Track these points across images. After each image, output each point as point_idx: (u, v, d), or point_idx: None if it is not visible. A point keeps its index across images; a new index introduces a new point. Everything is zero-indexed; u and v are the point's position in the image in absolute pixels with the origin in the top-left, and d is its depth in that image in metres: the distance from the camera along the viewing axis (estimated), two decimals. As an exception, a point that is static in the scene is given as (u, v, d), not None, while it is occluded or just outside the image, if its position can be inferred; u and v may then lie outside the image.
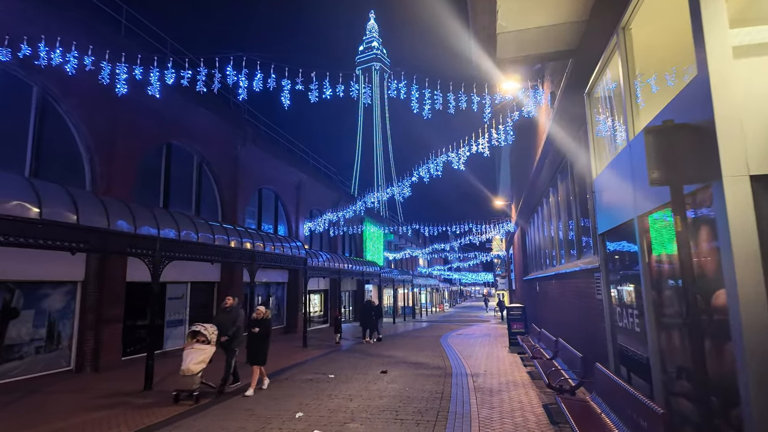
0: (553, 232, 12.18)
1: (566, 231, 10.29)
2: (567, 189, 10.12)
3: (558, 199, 11.11)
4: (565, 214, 10.22)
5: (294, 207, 22.88)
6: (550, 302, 11.11)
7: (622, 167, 5.05)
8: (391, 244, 44.12)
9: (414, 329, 25.01)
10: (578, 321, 7.70)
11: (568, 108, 7.57)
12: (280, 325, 21.66)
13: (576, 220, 8.99)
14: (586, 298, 7.19)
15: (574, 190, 9.16)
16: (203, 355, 7.64)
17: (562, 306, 9.39)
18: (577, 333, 7.74)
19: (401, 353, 14.08)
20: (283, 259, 15.19)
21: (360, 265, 24.37)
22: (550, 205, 12.41)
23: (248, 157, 18.69)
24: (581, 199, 8.48)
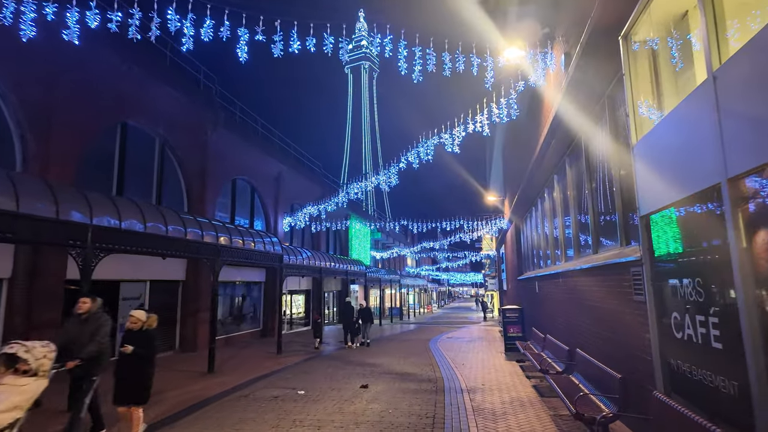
0: (557, 225, 10.76)
1: (576, 222, 8.87)
2: (578, 173, 8.70)
3: (565, 187, 9.68)
4: (576, 203, 8.79)
5: (272, 200, 21.19)
6: (558, 305, 9.68)
7: (693, 115, 3.58)
8: (378, 242, 42.60)
9: (401, 332, 23.49)
10: (603, 328, 6.23)
11: (590, 66, 6.10)
12: (256, 328, 19.98)
13: (592, 207, 7.56)
14: (615, 300, 5.74)
15: (590, 173, 7.73)
16: (20, 395, 3.64)
17: (575, 310, 7.94)
18: (600, 343, 6.27)
19: (386, 360, 12.54)
20: (254, 255, 13.54)
21: (344, 264, 22.78)
22: (554, 195, 10.98)
23: (220, 144, 16.98)
24: (602, 181, 7.05)
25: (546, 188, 12.39)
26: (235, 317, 18.54)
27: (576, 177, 8.79)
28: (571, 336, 8.02)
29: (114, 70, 12.23)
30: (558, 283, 9.93)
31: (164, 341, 14.38)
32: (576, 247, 8.87)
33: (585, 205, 8.21)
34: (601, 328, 6.25)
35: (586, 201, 8.12)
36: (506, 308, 14.46)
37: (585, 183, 8.00)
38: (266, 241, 14.51)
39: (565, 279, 9.12)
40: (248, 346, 16.90)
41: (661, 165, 4.33)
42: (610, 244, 6.74)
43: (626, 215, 5.79)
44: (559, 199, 10.70)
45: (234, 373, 10.85)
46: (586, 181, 7.86)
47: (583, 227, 8.44)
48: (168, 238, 9.84)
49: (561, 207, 10.57)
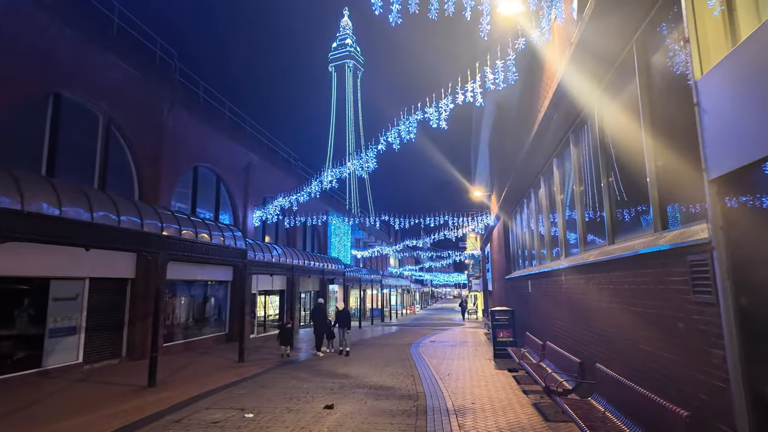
0: (557, 216, 9.37)
1: (583, 210, 7.47)
2: (587, 150, 7.31)
3: (568, 171, 8.28)
4: (583, 188, 7.39)
5: (241, 192, 19.41)
6: (560, 307, 8.25)
7: None
8: (359, 241, 41.02)
9: (381, 335, 21.95)
10: (636, 339, 4.79)
11: (615, 6, 4.66)
12: (221, 332, 18.17)
13: (607, 189, 6.15)
14: (655, 301, 4.30)
15: (604, 148, 6.33)
16: None
17: (586, 314, 6.50)
18: (634, 359, 4.82)
19: (361, 370, 10.98)
20: (212, 250, 11.82)
21: (320, 262, 21.12)
22: (552, 182, 9.60)
23: (179, 127, 15.17)
24: (621, 155, 5.64)
25: (542, 176, 11.02)
26: (196, 320, 16.73)
27: (583, 156, 7.39)
28: (582, 346, 6.58)
29: (41, 30, 10.39)
30: (559, 282, 8.52)
31: (108, 348, 12.57)
32: (583, 240, 7.47)
33: (595, 189, 6.81)
34: (634, 339, 4.79)
35: (596, 184, 6.72)
36: (496, 310, 13.05)
37: (596, 162, 6.61)
38: (227, 235, 12.80)
39: (569, 277, 7.70)
40: (209, 352, 15.14)
41: (751, 97, 2.89)
42: (629, 234, 5.33)
43: (669, 190, 4.36)
44: (558, 186, 9.32)
45: (179, 387, 9.15)
46: (598, 159, 6.45)
47: (592, 216, 7.04)
48: (93, 226, 8.09)
49: (561, 196, 9.19)
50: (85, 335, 11.69)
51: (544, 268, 10.02)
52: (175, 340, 15.32)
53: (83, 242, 8.00)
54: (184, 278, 15.74)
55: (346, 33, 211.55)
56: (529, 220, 13.28)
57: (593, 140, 6.82)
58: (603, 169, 6.26)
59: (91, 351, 11.84)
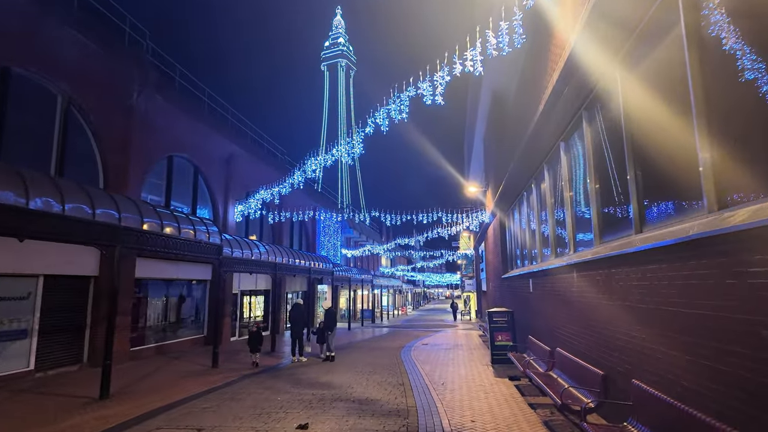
0: (564, 206, 8.36)
1: (597, 196, 6.47)
2: (603, 130, 6.31)
3: (582, 151, 7.26)
4: (604, 169, 6.38)
5: (222, 186, 18.23)
6: (573, 309, 7.21)
7: None
8: (350, 240, 39.91)
9: (371, 337, 20.86)
10: (685, 348, 3.74)
11: None
12: (200, 334, 16.98)
13: (634, 170, 5.13)
14: (721, 300, 3.26)
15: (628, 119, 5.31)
16: None
17: (614, 316, 5.45)
18: (683, 373, 3.79)
19: (345, 378, 9.88)
20: (181, 245, 10.66)
21: (307, 260, 19.97)
22: (561, 167, 8.58)
23: (152, 112, 13.98)
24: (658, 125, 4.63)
25: (546, 164, 10.03)
26: (171, 322, 15.52)
27: (600, 136, 6.37)
28: (604, 354, 5.53)
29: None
30: (569, 281, 7.50)
31: (66, 353, 11.35)
32: (598, 231, 6.45)
33: (615, 173, 5.81)
34: (682, 348, 3.75)
35: (616, 167, 5.72)
36: (493, 311, 12.02)
37: (616, 142, 5.60)
38: (200, 230, 11.64)
39: (583, 274, 6.67)
40: (184, 356, 13.95)
41: None
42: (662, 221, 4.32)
43: (727, 168, 3.33)
44: (566, 172, 8.31)
45: (136, 400, 8.00)
46: (621, 139, 5.43)
47: (611, 203, 6.03)
48: (29, 213, 6.91)
49: (569, 184, 8.19)
50: (38, 339, 10.46)
51: (549, 265, 9.00)
52: (147, 344, 14.11)
53: (13, 231, 6.80)
54: (157, 276, 14.54)
55: (339, 32, 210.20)
56: (529, 215, 12.29)
57: (613, 118, 5.81)
58: (628, 150, 5.24)
59: (44, 357, 10.62)
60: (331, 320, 13.04)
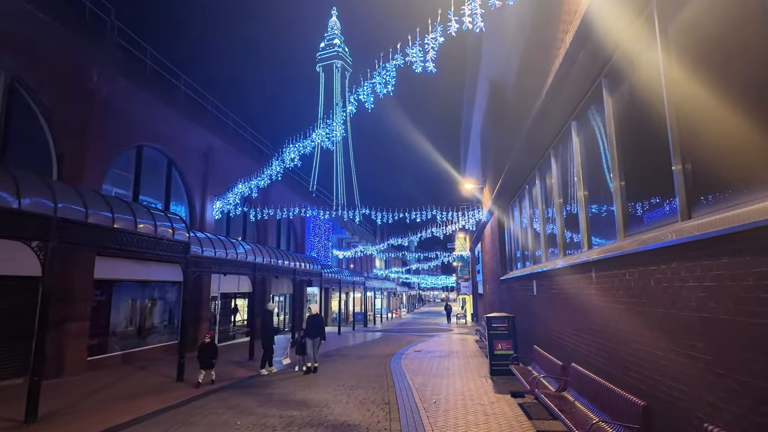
0: (576, 197, 7.16)
1: (620, 182, 5.27)
2: (627, 99, 5.14)
3: (602, 128, 6.04)
4: (631, 149, 5.18)
5: (199, 181, 16.93)
6: (592, 316, 5.96)
7: None
8: (342, 241, 38.66)
9: (361, 343, 19.59)
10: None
11: None
12: (173, 341, 15.62)
13: (680, 147, 3.92)
14: None
15: (672, 92, 4.11)
16: None
17: (661, 327, 4.22)
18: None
19: (323, 395, 8.61)
20: (138, 241, 9.35)
21: (292, 261, 18.69)
22: (573, 151, 7.38)
23: (116, 96, 12.68)
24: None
25: (552, 151, 8.84)
26: (140, 327, 14.18)
27: (632, 103, 5.17)
28: (645, 376, 4.29)
29: None
30: (585, 282, 6.28)
31: (10, 364, 10.03)
32: (623, 222, 5.25)
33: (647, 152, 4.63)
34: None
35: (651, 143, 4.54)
36: (493, 317, 10.79)
37: (648, 114, 4.42)
38: (163, 225, 10.34)
39: (609, 273, 5.46)
40: (151, 365, 12.64)
41: None
42: (725, 204, 3.13)
43: None
44: (579, 158, 7.12)
45: (67, 424, 6.72)
46: (658, 109, 4.24)
47: (639, 189, 4.85)
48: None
49: (581, 169, 7.00)
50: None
51: (558, 264, 7.79)
52: (110, 352, 12.78)
53: None
54: (123, 277, 13.22)
55: (335, 33, 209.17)
56: (532, 210, 11.10)
57: (646, 84, 4.61)
58: (672, 121, 4.03)
59: (-20, 369, 9.29)
60: (317, 328, 11.46)
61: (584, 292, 6.37)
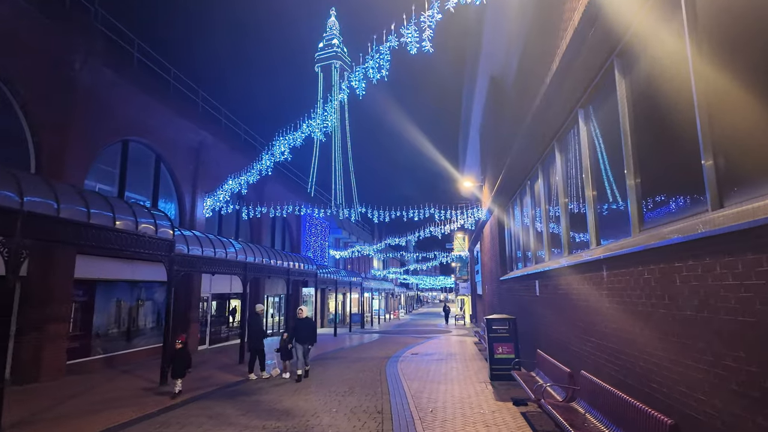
0: (586, 187, 6.64)
1: (635, 170, 4.76)
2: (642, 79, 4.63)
3: (618, 109, 5.51)
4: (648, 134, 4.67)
5: (189, 177, 16.38)
6: (606, 318, 5.43)
7: None
8: (339, 241, 38.14)
9: (358, 345, 19.04)
10: None
11: None
12: (161, 343, 15.05)
13: (710, 129, 3.41)
14: None
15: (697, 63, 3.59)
16: None
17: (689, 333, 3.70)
18: None
19: (312, 403, 8.07)
20: (115, 238, 8.79)
21: (286, 261, 18.15)
22: (580, 140, 6.86)
23: (100, 88, 12.14)
24: None
25: (556, 143, 8.33)
26: (125, 329, 13.62)
27: (648, 83, 4.65)
28: (667, 389, 3.77)
29: None
30: (595, 281, 5.76)
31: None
32: (638, 215, 4.75)
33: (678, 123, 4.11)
34: None
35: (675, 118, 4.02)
36: (493, 318, 10.27)
37: (677, 87, 3.89)
38: (145, 222, 9.80)
39: (623, 271, 4.93)
40: (136, 369, 12.10)
41: None
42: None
43: None
44: (587, 147, 6.61)
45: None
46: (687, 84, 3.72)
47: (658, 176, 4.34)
48: None
49: (589, 158, 6.50)
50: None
51: (563, 263, 7.26)
52: (92, 355, 12.23)
53: None
54: (107, 277, 12.68)
55: (333, 33, 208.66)
56: (534, 207, 10.58)
57: (666, 62, 4.10)
58: (700, 101, 3.51)
59: (-52, 375, 8.71)
60: (307, 332, 10.58)
61: (594, 293, 5.84)
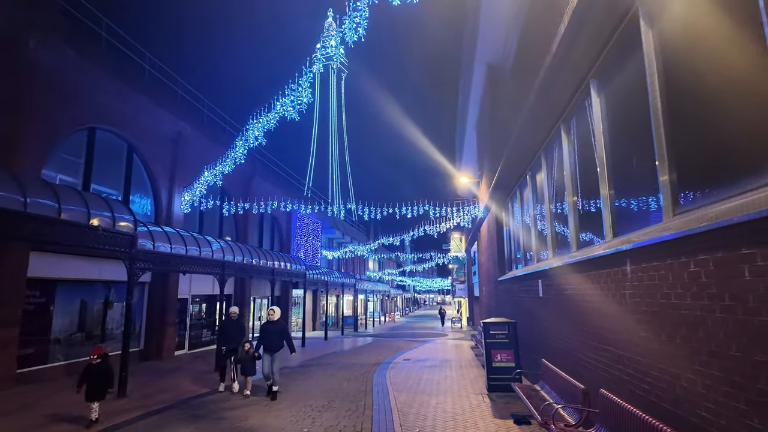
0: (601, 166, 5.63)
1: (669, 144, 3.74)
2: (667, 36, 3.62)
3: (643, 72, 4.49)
4: (689, 92, 3.66)
5: (166, 171, 15.31)
6: (628, 323, 4.41)
7: None
8: (333, 241, 37.11)
9: (349, 349, 17.98)
10: None
11: None
12: (135, 348, 13.99)
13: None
14: None
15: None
16: None
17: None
18: None
19: (281, 421, 7.02)
20: (61, 232, 7.72)
21: (272, 260, 17.09)
22: (593, 112, 5.86)
23: (62, 69, 11.10)
24: None
25: (562, 125, 7.33)
26: (92, 333, 12.53)
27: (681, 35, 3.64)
28: (736, 425, 2.76)
29: None
30: (616, 278, 4.74)
31: None
32: (673, 197, 3.73)
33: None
34: None
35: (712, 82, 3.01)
36: (490, 323, 9.24)
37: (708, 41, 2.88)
38: (100, 214, 8.73)
39: (658, 264, 3.92)
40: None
41: None
42: None
43: None
44: (599, 121, 5.62)
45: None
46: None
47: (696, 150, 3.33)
48: None
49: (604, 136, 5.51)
50: None
51: (573, 258, 6.25)
52: (51, 362, 11.14)
53: None
54: (69, 277, 11.60)
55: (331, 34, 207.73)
56: (536, 202, 9.59)
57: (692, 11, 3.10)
58: None
59: None
60: (275, 339, 8.71)
61: (613, 293, 4.82)
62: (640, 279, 4.10)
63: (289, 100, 8.48)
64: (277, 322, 9.07)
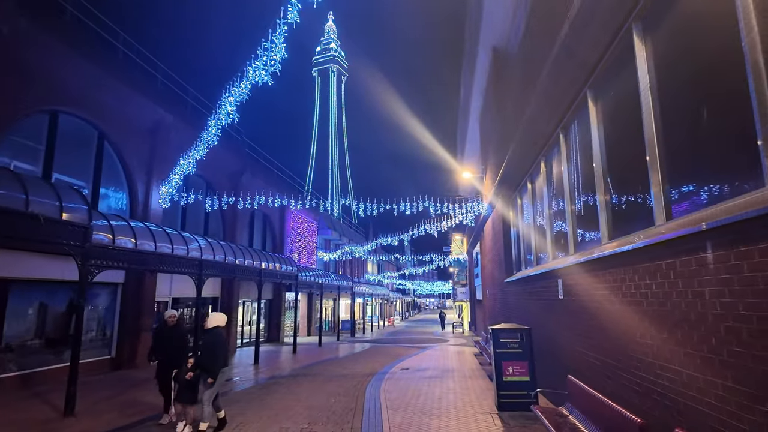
0: (661, 115, 4.35)
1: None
2: None
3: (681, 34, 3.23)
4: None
5: (143, 162, 14.05)
6: (702, 328, 3.15)
7: None
8: (329, 242, 35.81)
9: (342, 357, 16.65)
10: None
11: None
12: (104, 356, 12.72)
13: None
14: None
15: None
16: None
17: None
18: None
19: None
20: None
21: (259, 260, 15.80)
22: (637, 61, 4.58)
23: (15, 43, 9.88)
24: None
25: (588, 90, 6.07)
26: (52, 340, 11.23)
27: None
28: None
29: None
30: (693, 271, 3.46)
31: None
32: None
33: None
34: None
35: None
36: (500, 329, 7.94)
37: None
38: (40, 200, 7.47)
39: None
40: (49, 392, 9.63)
41: None
42: None
43: None
44: (646, 66, 4.35)
45: None
46: None
47: None
48: None
49: (656, 88, 4.26)
50: None
51: (603, 252, 4.98)
52: (4, 372, 9.84)
53: None
54: (25, 276, 10.33)
55: (331, 37, 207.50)
56: (550, 192, 8.34)
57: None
58: None
59: None
60: (209, 355, 6.42)
61: (689, 292, 3.52)
62: (735, 270, 2.81)
63: (261, 62, 7.27)
64: (217, 331, 6.74)
